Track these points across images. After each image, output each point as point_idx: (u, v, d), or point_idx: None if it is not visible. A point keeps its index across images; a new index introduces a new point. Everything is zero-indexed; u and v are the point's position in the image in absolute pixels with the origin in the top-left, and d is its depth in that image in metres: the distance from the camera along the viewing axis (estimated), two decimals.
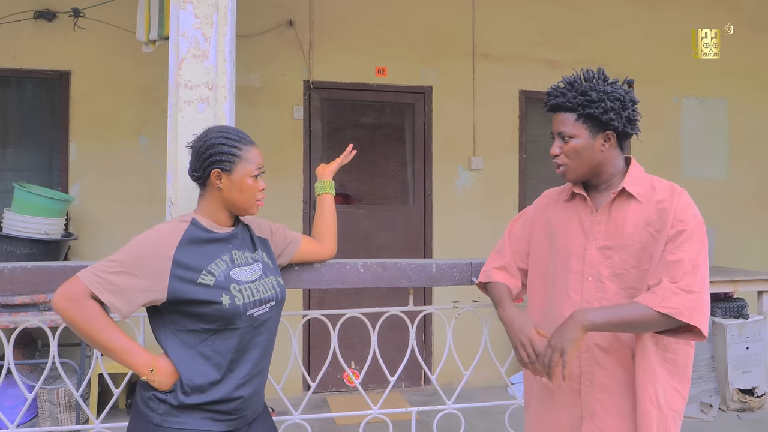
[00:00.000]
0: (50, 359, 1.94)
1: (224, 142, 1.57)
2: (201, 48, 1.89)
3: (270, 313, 1.60)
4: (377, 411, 2.12)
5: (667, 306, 1.43)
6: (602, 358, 1.55)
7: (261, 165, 1.61)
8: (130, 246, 1.48)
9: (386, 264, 2.05)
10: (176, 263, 1.46)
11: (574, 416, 1.59)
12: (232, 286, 1.51)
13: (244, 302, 1.51)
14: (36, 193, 3.76)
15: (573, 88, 1.59)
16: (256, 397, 1.60)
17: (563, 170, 1.61)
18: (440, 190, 4.79)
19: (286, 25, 4.53)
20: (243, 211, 1.61)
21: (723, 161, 5.29)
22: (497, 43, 4.88)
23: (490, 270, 1.85)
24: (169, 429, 1.45)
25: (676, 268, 1.46)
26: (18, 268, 1.83)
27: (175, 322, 1.49)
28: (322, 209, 1.96)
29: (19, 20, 4.13)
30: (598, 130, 1.57)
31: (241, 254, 1.60)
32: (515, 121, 4.94)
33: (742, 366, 4.12)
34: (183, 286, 1.46)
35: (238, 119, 2.12)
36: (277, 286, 1.64)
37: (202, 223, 1.58)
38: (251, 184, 1.58)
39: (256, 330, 1.56)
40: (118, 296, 1.42)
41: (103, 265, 1.44)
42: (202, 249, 1.53)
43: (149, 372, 1.45)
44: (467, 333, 2.67)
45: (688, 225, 1.50)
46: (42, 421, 3.62)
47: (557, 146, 1.61)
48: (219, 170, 1.56)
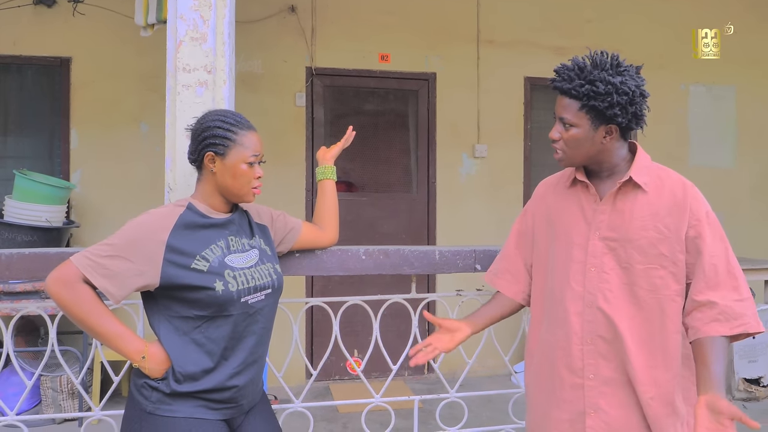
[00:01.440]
0: (49, 346, 1.92)
1: (220, 125, 1.53)
2: (199, 30, 1.85)
3: (266, 300, 1.57)
4: (379, 399, 2.10)
5: (739, 324, 1.43)
6: (606, 350, 1.51)
7: (258, 152, 1.56)
8: (125, 230, 1.45)
9: (388, 251, 2.02)
10: (170, 248, 1.44)
11: (575, 412, 1.53)
12: (226, 272, 1.48)
13: (238, 289, 1.48)
14: (37, 180, 3.74)
15: (581, 74, 1.48)
16: (252, 386, 1.57)
17: (560, 156, 1.55)
18: (444, 178, 4.75)
19: (288, 10, 4.48)
20: (237, 198, 1.57)
21: (730, 149, 5.22)
22: (502, 29, 4.81)
23: (494, 269, 1.81)
24: (161, 417, 1.43)
25: (716, 279, 1.45)
26: (15, 254, 1.81)
27: (168, 308, 1.47)
28: (324, 195, 1.92)
29: (19, 6, 4.09)
30: (600, 122, 1.48)
31: (238, 240, 1.57)
32: (520, 108, 4.88)
33: (748, 355, 4.09)
34: (176, 271, 1.44)
35: (240, 106, 2.09)
36: (273, 273, 1.61)
37: (198, 208, 1.55)
38: (245, 171, 1.53)
39: (252, 318, 1.53)
40: (111, 280, 1.40)
41: (97, 249, 1.42)
42: (197, 234, 1.50)
43: (140, 359, 1.43)
44: None
45: (706, 224, 1.48)
46: (45, 408, 3.63)
47: (557, 131, 1.53)
48: (213, 153, 1.52)
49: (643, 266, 1.48)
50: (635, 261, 1.49)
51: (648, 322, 1.49)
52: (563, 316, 1.55)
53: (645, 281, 1.49)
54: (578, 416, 1.53)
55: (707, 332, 1.44)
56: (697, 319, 1.46)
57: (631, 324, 1.50)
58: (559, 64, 1.55)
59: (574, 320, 1.53)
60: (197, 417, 1.45)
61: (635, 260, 1.49)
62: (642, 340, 1.49)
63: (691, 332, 1.48)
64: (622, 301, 1.50)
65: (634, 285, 1.49)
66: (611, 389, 1.50)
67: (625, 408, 1.50)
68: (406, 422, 2.21)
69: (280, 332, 1.65)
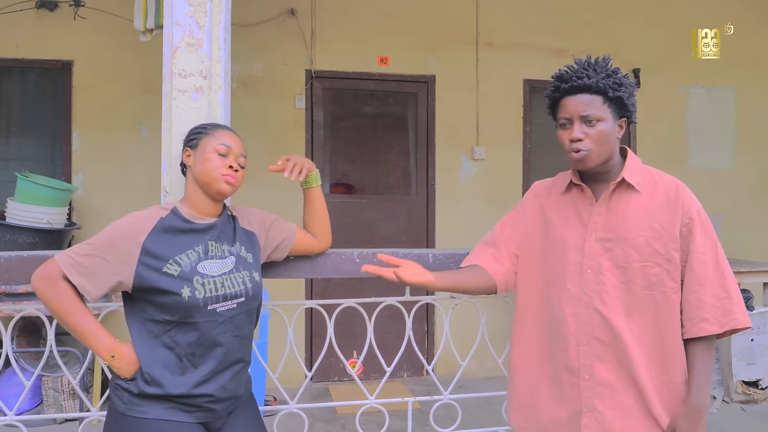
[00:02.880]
0: (48, 347, 1.95)
1: (195, 129, 1.66)
2: (195, 36, 1.88)
3: (237, 309, 1.56)
4: (373, 401, 2.12)
5: (728, 322, 1.49)
6: (602, 352, 1.53)
7: (228, 143, 1.60)
8: (106, 230, 1.50)
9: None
10: (144, 250, 1.48)
11: (573, 410, 1.56)
12: (195, 279, 1.49)
13: (204, 296, 1.49)
14: (39, 182, 3.77)
15: (597, 70, 1.51)
16: (228, 392, 1.55)
17: (584, 155, 1.51)
18: (443, 180, 4.77)
19: (288, 13, 4.50)
20: (209, 186, 1.57)
21: (730, 151, 5.23)
22: (501, 31, 4.83)
23: (480, 250, 1.80)
24: (131, 418, 1.45)
25: (705, 276, 1.50)
26: (14, 257, 1.84)
27: (142, 310, 1.50)
28: (313, 203, 1.84)
29: (21, 10, 4.13)
30: (617, 116, 1.53)
31: (218, 246, 1.58)
32: (519, 111, 4.90)
33: (746, 358, 4.09)
34: (148, 273, 1.47)
35: (240, 109, 2.11)
36: (249, 281, 1.59)
37: (182, 212, 1.58)
38: (213, 157, 1.57)
39: (221, 326, 1.52)
40: (87, 278, 1.45)
41: (78, 248, 1.48)
42: (175, 239, 1.53)
43: (110, 357, 1.47)
44: (469, 323, 2.66)
45: (698, 222, 1.52)
46: (46, 408, 3.66)
47: (580, 130, 1.50)
48: (188, 148, 1.62)
49: (639, 264, 1.52)
50: (632, 259, 1.52)
51: (644, 318, 1.52)
52: (560, 318, 1.58)
53: (641, 278, 1.52)
54: (575, 415, 1.56)
55: (697, 333, 1.50)
56: (687, 319, 1.51)
57: (629, 322, 1.52)
58: (564, 67, 1.57)
59: (569, 321, 1.56)
60: (168, 419, 1.46)
61: (632, 258, 1.52)
62: (641, 338, 1.52)
63: (684, 331, 1.53)
64: (618, 302, 1.53)
65: (630, 283, 1.52)
66: (607, 390, 1.53)
67: (621, 409, 1.52)
68: (404, 423, 2.23)
69: (278, 334, 1.67)
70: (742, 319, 1.50)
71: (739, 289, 1.54)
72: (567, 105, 1.53)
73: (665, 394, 1.53)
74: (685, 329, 1.52)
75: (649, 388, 1.51)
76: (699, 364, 1.51)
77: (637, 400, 1.52)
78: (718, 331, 1.50)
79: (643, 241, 1.51)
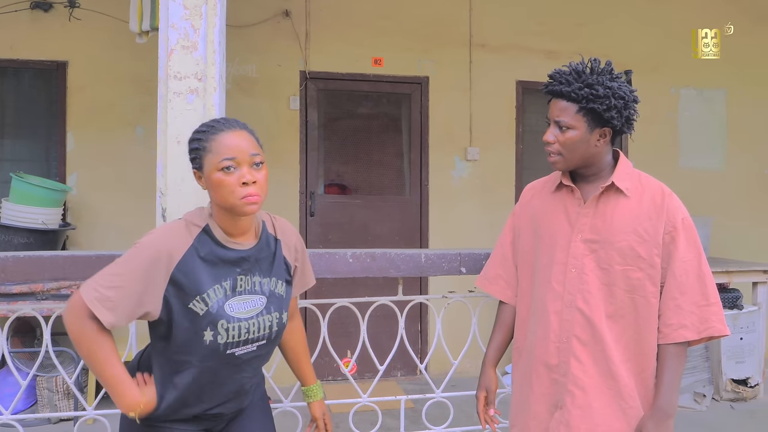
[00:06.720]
0: (43, 348, 1.96)
1: (193, 137, 1.42)
2: (190, 39, 1.90)
3: (257, 351, 1.46)
4: (366, 399, 2.15)
5: (705, 329, 1.52)
6: (579, 351, 1.56)
7: (232, 154, 1.35)
8: (133, 255, 1.36)
9: (375, 254, 2.07)
10: (172, 281, 1.35)
11: (550, 404, 1.61)
12: (220, 323, 1.37)
13: (226, 341, 1.38)
14: (33, 183, 3.78)
15: (579, 78, 1.53)
16: (238, 406, 1.54)
17: (555, 159, 1.58)
18: (436, 181, 4.80)
19: (283, 15, 4.52)
20: (232, 211, 1.38)
21: (720, 152, 5.27)
22: (494, 32, 4.86)
23: (487, 274, 1.86)
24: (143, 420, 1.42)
25: (686, 284, 1.53)
26: (10, 257, 1.85)
27: (164, 338, 1.43)
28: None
29: (16, 10, 4.14)
30: (596, 125, 1.54)
31: (248, 280, 1.43)
32: (512, 112, 4.93)
33: (735, 356, 4.14)
34: (175, 305, 1.36)
35: (235, 110, 2.13)
36: (276, 325, 1.47)
37: (215, 233, 1.41)
38: (221, 179, 1.34)
39: (237, 368, 1.45)
40: (115, 313, 1.32)
41: (104, 280, 1.33)
42: (206, 269, 1.38)
43: (134, 411, 1.36)
44: (462, 322, 2.69)
45: (681, 230, 1.54)
46: (41, 408, 3.67)
47: (552, 134, 1.56)
48: (196, 170, 1.42)
49: (622, 267, 1.54)
50: (615, 262, 1.54)
51: (625, 320, 1.55)
52: (544, 315, 1.62)
53: (623, 282, 1.54)
54: (552, 408, 1.60)
55: (675, 339, 1.53)
56: (665, 324, 1.54)
57: (609, 323, 1.55)
58: (554, 69, 1.60)
59: (552, 319, 1.60)
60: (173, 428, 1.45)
61: (615, 261, 1.54)
62: (620, 339, 1.55)
63: (660, 336, 1.55)
64: (600, 301, 1.56)
65: (612, 285, 1.55)
66: (579, 390, 1.55)
67: (589, 409, 1.54)
68: (397, 422, 2.26)
69: None
70: (720, 327, 1.52)
71: (719, 297, 1.56)
72: (550, 107, 1.59)
73: (642, 392, 1.56)
74: (663, 334, 1.54)
75: (628, 388, 1.54)
76: (670, 367, 1.53)
77: (611, 400, 1.54)
78: (695, 338, 1.53)
79: (626, 246, 1.54)
